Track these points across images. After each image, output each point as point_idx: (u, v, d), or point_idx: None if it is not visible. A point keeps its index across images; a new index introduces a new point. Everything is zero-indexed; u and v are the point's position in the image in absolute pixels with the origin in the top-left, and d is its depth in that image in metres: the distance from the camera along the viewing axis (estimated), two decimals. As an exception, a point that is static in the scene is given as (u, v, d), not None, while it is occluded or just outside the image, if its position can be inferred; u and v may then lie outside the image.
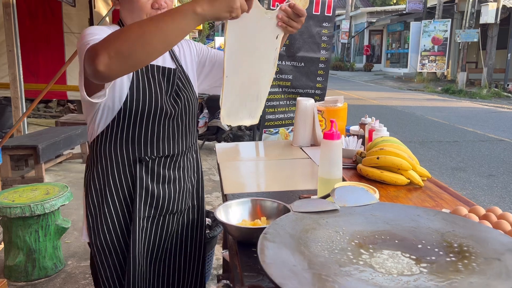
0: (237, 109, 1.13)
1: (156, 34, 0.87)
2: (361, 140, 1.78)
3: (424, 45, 16.21)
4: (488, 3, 13.78)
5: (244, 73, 1.10)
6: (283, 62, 2.74)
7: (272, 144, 2.30)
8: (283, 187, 1.46)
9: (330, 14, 2.80)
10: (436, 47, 16.12)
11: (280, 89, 2.82)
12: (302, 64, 2.79)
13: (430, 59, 16.34)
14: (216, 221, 2.37)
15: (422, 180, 1.45)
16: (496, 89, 13.38)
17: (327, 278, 0.65)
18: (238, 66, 1.07)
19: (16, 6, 4.22)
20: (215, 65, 1.37)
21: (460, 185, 4.33)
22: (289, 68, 2.77)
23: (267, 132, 2.84)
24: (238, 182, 1.58)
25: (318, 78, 2.83)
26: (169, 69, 1.25)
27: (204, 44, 9.52)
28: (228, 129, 5.24)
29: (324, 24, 2.77)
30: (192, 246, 1.40)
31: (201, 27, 13.36)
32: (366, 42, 25.70)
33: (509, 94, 12.82)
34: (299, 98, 2.05)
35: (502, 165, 5.08)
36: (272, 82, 2.93)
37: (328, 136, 1.28)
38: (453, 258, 0.72)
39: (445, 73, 16.77)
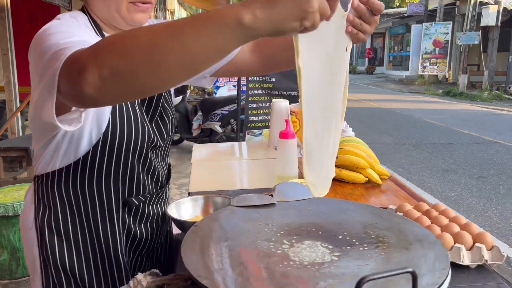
0: (320, 171, 0.80)
1: (176, 51, 0.54)
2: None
3: (426, 48, 16.23)
4: (489, 5, 13.78)
5: (325, 118, 0.76)
6: (265, 64, 2.79)
7: (250, 145, 2.35)
8: (250, 186, 1.50)
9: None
10: (437, 49, 16.14)
11: (263, 91, 2.87)
12: (284, 66, 2.84)
13: (431, 61, 16.35)
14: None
15: (383, 179, 1.49)
16: (497, 91, 13.36)
17: (238, 267, 0.69)
18: (319, 108, 0.72)
19: (12, 10, 4.30)
20: None
21: (449, 187, 4.35)
22: (271, 70, 2.82)
23: (250, 134, 2.88)
24: (205, 180, 1.62)
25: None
26: None
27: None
28: (221, 131, 5.30)
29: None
30: None
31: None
32: (368, 45, 25.73)
33: (511, 97, 12.79)
34: (274, 100, 2.09)
35: (494, 167, 5.09)
36: (256, 85, 2.94)
37: (283, 135, 1.33)
38: (366, 248, 0.76)
39: (447, 76, 16.76)
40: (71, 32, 0.74)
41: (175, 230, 1.75)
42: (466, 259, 0.91)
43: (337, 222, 0.88)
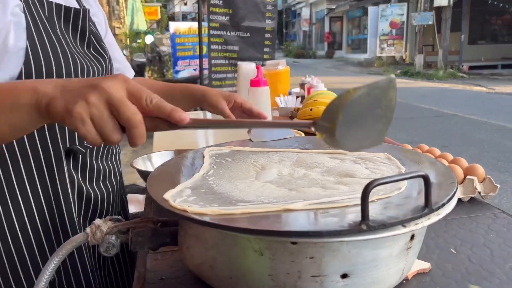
0: None
1: None
2: (300, 99, 1.74)
3: (383, 30, 16.49)
4: (441, -14, 14.13)
5: None
6: (228, 32, 2.67)
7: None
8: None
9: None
10: (394, 31, 16.44)
11: (227, 61, 2.76)
12: (248, 34, 2.73)
13: (388, 43, 16.65)
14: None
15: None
16: (451, 70, 13.79)
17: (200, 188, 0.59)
18: None
19: None
20: None
21: (415, 157, 4.41)
22: (234, 39, 2.70)
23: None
24: (169, 142, 1.50)
25: (265, 49, 2.78)
26: (76, 9, 0.81)
27: (163, 33, 9.23)
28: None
29: (267, -8, 2.71)
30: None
31: (158, 15, 12.94)
32: (327, 29, 25.94)
33: (464, 75, 13.24)
34: (239, 63, 1.99)
35: (455, 137, 5.23)
36: (218, 54, 2.83)
37: (255, 83, 1.23)
38: (330, 178, 0.67)
39: (403, 57, 17.14)
40: None
41: (132, 210, 1.61)
42: (458, 192, 0.85)
43: (316, 154, 0.79)
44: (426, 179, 0.49)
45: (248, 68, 1.97)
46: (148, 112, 0.52)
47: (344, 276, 0.51)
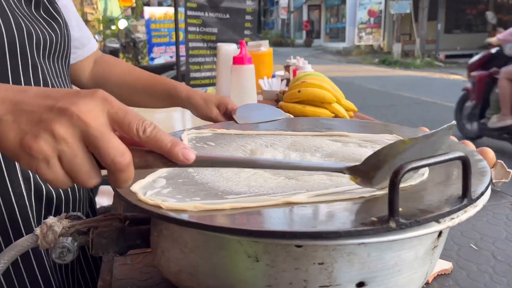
0: None
1: None
2: (285, 81, 1.63)
3: (361, 18, 16.50)
4: (418, -26, 14.18)
5: None
6: (206, 13, 2.53)
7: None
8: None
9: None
10: (372, 19, 16.47)
11: (205, 44, 2.61)
12: (227, 16, 2.59)
13: (366, 31, 16.69)
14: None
15: (350, 115, 1.32)
16: (428, 58, 13.91)
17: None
18: None
19: None
20: None
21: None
22: (213, 21, 2.56)
23: (193, 92, 2.62)
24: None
25: (246, 32, 2.65)
26: None
27: (138, 20, 8.93)
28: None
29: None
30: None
31: (133, 1, 12.53)
32: (305, 18, 25.80)
33: (440, 63, 13.37)
34: (219, 44, 1.86)
35: (436, 123, 5.18)
36: (196, 36, 2.68)
37: (238, 60, 1.11)
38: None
39: (381, 45, 17.21)
40: None
41: (105, 203, 1.47)
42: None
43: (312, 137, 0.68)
44: (466, 162, 0.38)
45: (228, 49, 1.85)
46: (139, 144, 0.39)
47: (360, 285, 0.41)
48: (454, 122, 0.44)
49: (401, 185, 0.44)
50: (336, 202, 0.42)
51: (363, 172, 0.43)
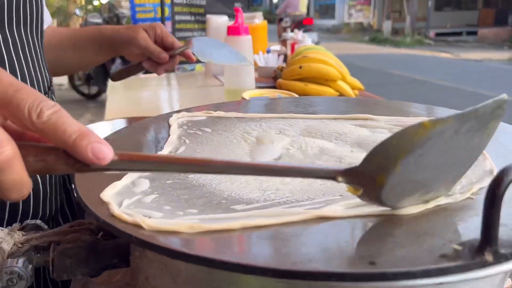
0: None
1: None
2: (282, 56, 1.49)
3: (351, -5, 16.23)
4: (410, -51, 13.89)
5: None
6: (194, -16, 2.35)
7: (181, 76, 1.97)
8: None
9: None
10: (362, -4, 16.21)
11: (193, 17, 2.44)
12: (217, -13, 2.42)
13: (356, 8, 16.44)
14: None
15: (354, 93, 1.20)
16: (419, 36, 13.78)
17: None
18: None
19: None
20: None
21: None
22: (201, -8, 2.39)
23: (180, 70, 2.47)
24: (126, 108, 1.23)
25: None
26: None
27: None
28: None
29: None
30: None
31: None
32: (294, -6, 25.32)
33: (431, 41, 13.26)
34: (208, 16, 1.71)
35: (429, 102, 5.10)
36: (183, 9, 2.51)
37: (233, 30, 0.97)
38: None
39: (371, 23, 16.99)
40: None
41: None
42: None
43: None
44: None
45: (219, 21, 1.71)
46: (34, 136, 0.29)
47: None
48: (504, 95, 0.29)
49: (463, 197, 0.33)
50: (384, 216, 0.30)
51: (366, 177, 0.28)
